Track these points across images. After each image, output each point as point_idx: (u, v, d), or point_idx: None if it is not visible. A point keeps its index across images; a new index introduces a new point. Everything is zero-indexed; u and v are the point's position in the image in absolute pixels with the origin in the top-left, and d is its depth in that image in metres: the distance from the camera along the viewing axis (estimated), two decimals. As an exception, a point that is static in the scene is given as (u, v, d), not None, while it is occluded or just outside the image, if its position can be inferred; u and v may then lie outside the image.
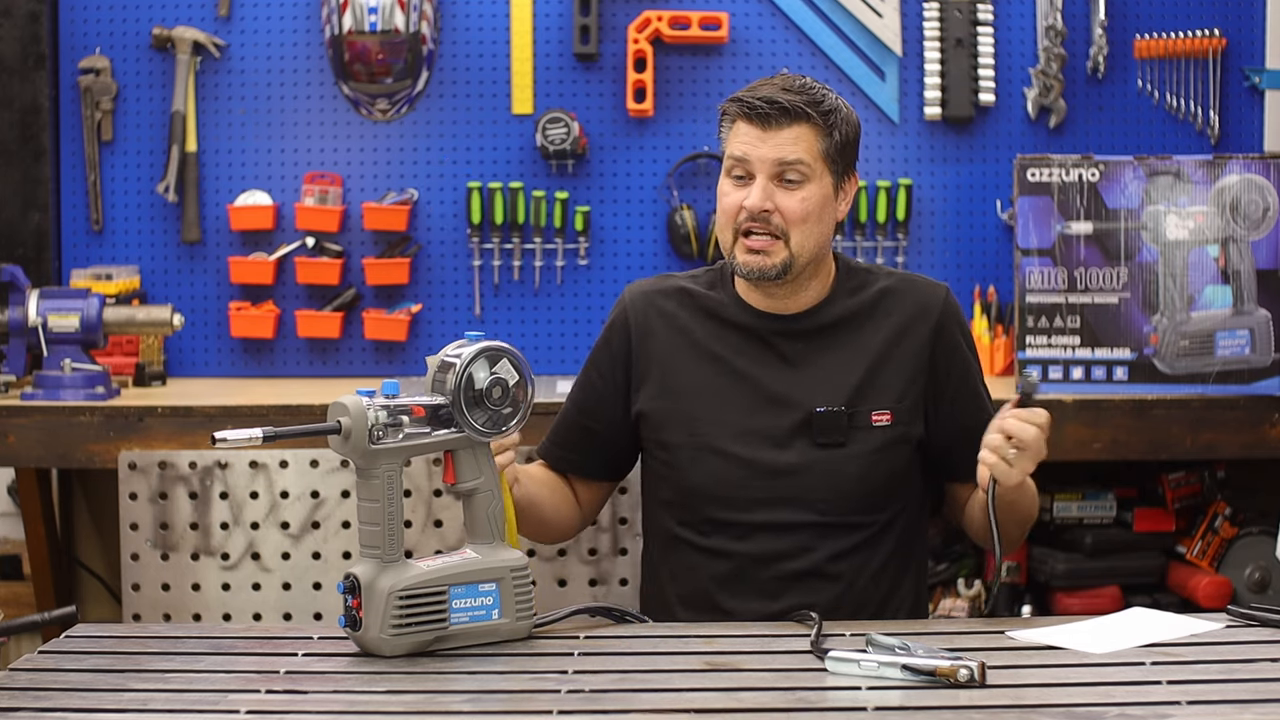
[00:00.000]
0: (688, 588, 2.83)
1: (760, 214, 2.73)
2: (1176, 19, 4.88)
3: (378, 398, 2.31)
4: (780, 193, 2.73)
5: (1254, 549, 4.52)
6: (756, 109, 2.72)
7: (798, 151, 2.72)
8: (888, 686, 2.11)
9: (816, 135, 2.73)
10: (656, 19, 4.82)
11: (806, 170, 2.73)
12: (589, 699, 2.08)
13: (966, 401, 2.82)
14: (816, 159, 2.74)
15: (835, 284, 2.86)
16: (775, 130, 2.72)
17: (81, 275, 4.78)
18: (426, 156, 4.92)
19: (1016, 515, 2.75)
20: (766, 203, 2.72)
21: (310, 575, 4.12)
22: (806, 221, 2.74)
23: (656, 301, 2.91)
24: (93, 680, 2.18)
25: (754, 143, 2.73)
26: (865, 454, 2.75)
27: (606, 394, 2.92)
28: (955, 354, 2.83)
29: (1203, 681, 2.11)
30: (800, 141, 2.72)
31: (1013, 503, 2.69)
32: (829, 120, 2.74)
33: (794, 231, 2.74)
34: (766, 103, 2.71)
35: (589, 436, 2.93)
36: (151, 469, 4.10)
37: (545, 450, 2.97)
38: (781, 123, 2.72)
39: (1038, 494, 2.79)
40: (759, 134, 2.73)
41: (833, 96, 2.77)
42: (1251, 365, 4.26)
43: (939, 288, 2.87)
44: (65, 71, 4.89)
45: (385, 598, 2.28)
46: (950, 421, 2.80)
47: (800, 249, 2.75)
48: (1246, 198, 4.25)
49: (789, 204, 2.73)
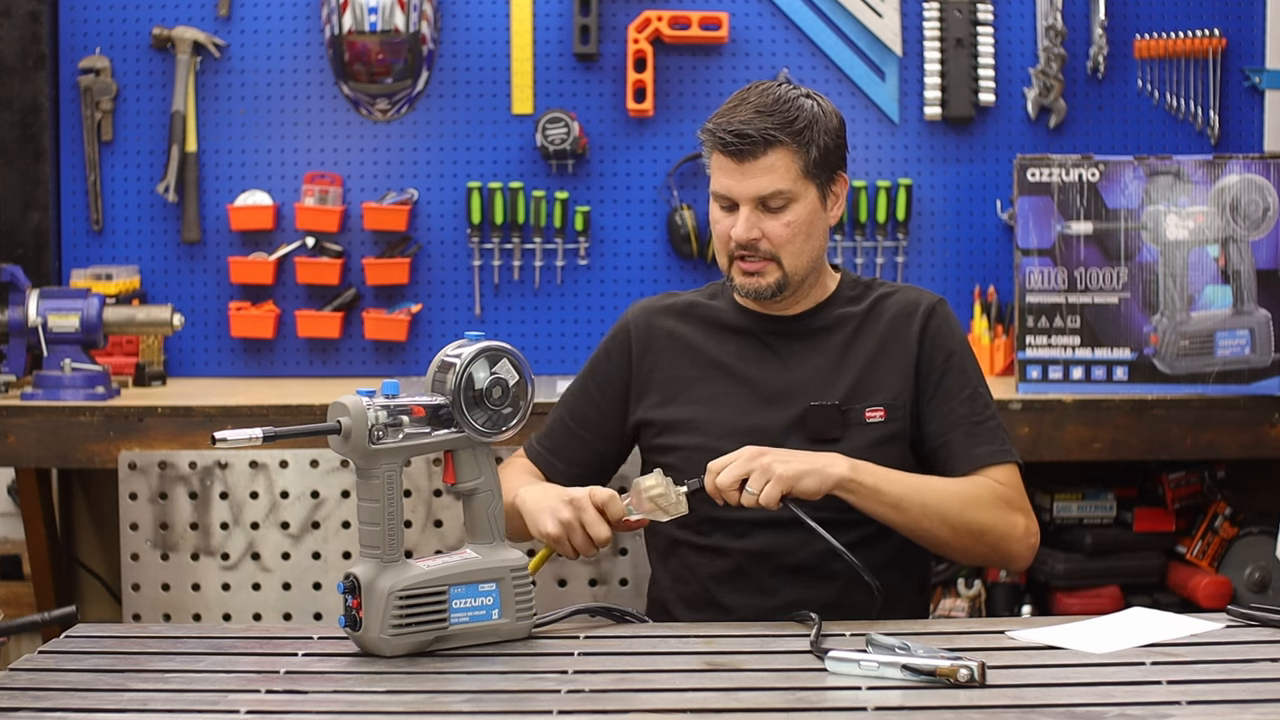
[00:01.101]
0: (688, 589, 2.84)
1: (748, 243, 2.74)
2: (1176, 19, 4.88)
3: (378, 398, 2.31)
4: (766, 219, 2.74)
5: (1254, 549, 4.52)
6: (729, 145, 2.71)
7: (774, 182, 2.72)
8: (888, 686, 2.11)
9: (793, 156, 2.72)
10: (656, 19, 4.82)
11: (788, 194, 2.73)
12: (589, 699, 2.08)
13: (952, 401, 2.79)
14: (796, 180, 2.73)
15: (836, 292, 2.88)
16: (751, 162, 2.71)
17: (81, 275, 4.78)
18: (426, 156, 4.92)
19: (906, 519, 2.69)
20: (753, 232, 2.73)
21: (310, 575, 4.12)
22: (794, 241, 2.75)
23: (658, 314, 2.93)
24: (93, 680, 2.17)
25: (733, 176, 2.73)
26: (860, 450, 2.73)
27: (602, 406, 2.94)
28: (939, 352, 2.81)
29: (1203, 681, 2.10)
30: (776, 169, 2.72)
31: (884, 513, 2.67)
32: (804, 138, 2.73)
33: (784, 253, 2.75)
34: (737, 137, 2.70)
35: (577, 444, 2.95)
36: (151, 469, 4.09)
37: (532, 450, 2.98)
38: (755, 154, 2.71)
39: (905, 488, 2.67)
40: (735, 167, 2.73)
41: (807, 106, 2.75)
42: (1251, 365, 4.26)
43: (932, 295, 2.87)
44: (65, 71, 4.89)
45: (385, 598, 2.28)
46: (936, 420, 2.79)
47: (794, 267, 2.77)
48: (1246, 198, 4.24)
49: (775, 229, 2.74)
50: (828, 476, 2.59)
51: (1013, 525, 2.73)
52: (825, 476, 2.58)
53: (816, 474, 2.58)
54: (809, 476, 2.57)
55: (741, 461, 2.56)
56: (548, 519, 2.60)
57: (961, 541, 2.72)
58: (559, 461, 2.95)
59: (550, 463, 2.95)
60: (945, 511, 2.68)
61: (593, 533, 2.58)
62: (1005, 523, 2.73)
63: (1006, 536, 2.73)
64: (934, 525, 2.68)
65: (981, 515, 2.71)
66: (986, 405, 2.81)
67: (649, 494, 2.58)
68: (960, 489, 2.72)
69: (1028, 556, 2.78)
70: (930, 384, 2.80)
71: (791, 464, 2.57)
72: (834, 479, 2.60)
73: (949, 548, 2.74)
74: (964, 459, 2.77)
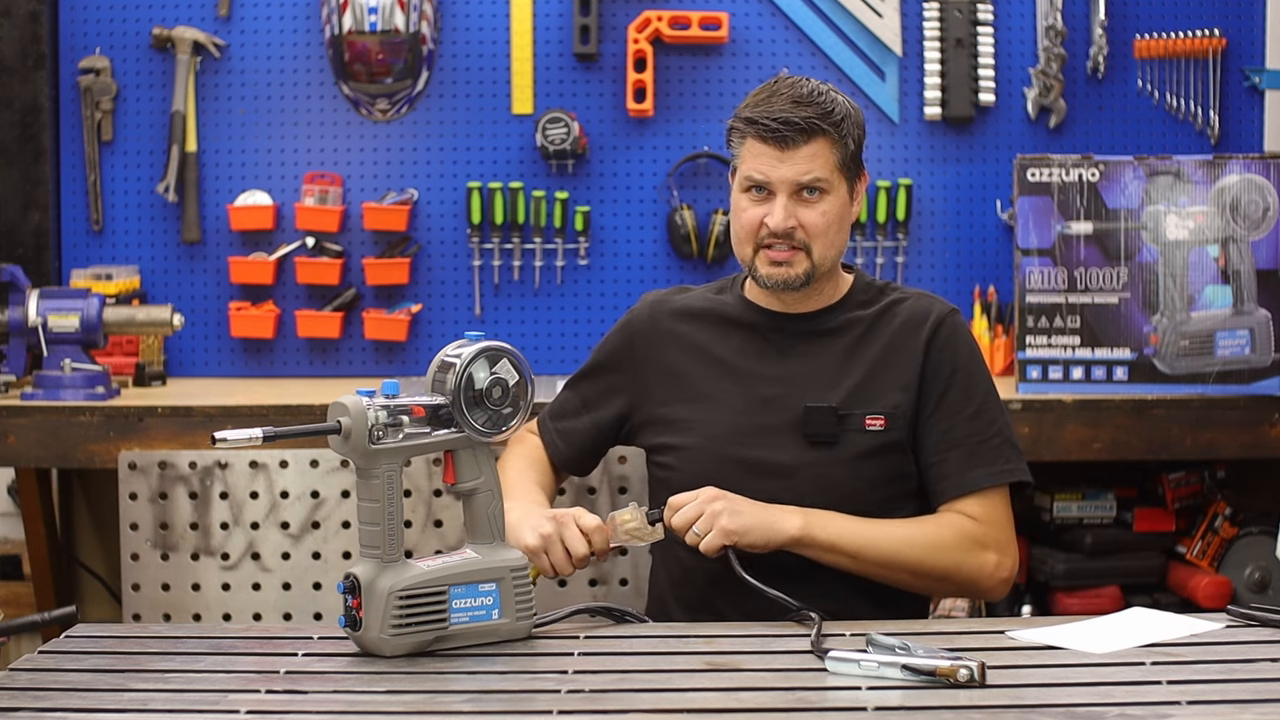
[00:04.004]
0: (686, 591, 2.83)
1: (785, 231, 2.73)
2: (1176, 19, 4.88)
3: (378, 398, 2.30)
4: (801, 208, 2.72)
5: (1254, 549, 4.51)
6: (773, 130, 2.70)
7: (815, 169, 2.71)
8: (888, 686, 2.10)
9: (832, 148, 2.72)
10: (656, 19, 4.82)
11: (825, 185, 2.72)
12: (589, 699, 2.07)
13: (954, 418, 2.76)
14: (833, 171, 2.73)
15: (849, 294, 2.86)
16: (792, 150, 2.70)
17: (81, 275, 4.78)
18: (426, 156, 4.92)
19: (865, 569, 2.69)
20: (790, 221, 2.72)
21: (310, 575, 4.11)
22: (828, 233, 2.74)
23: (665, 309, 2.93)
24: (92, 680, 2.16)
25: (772, 163, 2.71)
26: (856, 456, 2.73)
27: (604, 393, 2.95)
28: (944, 366, 2.77)
29: (1203, 681, 2.10)
30: (817, 158, 2.71)
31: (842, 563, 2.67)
32: (842, 130, 2.73)
33: (816, 244, 2.74)
34: (783, 124, 2.69)
35: (580, 427, 2.97)
36: (151, 469, 4.09)
37: (545, 426, 3.00)
38: (798, 142, 2.70)
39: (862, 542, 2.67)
40: (776, 154, 2.71)
41: (841, 100, 2.75)
42: (1251, 365, 4.25)
43: (945, 304, 2.84)
44: (65, 71, 4.88)
45: (385, 598, 2.27)
46: (934, 437, 2.76)
47: (823, 259, 2.75)
48: (1246, 198, 4.24)
49: (811, 218, 2.73)
50: (776, 533, 2.61)
51: (980, 565, 2.71)
52: (773, 534, 2.61)
53: (763, 530, 2.60)
54: (755, 532, 2.60)
55: (696, 504, 2.60)
56: (528, 532, 2.61)
57: (926, 584, 2.74)
58: (561, 442, 2.97)
59: (554, 442, 2.98)
60: (905, 560, 2.68)
61: (572, 549, 2.59)
62: (972, 564, 2.71)
63: (974, 578, 2.72)
64: (894, 574, 2.69)
65: (944, 559, 2.69)
66: (992, 422, 2.77)
67: (624, 528, 2.63)
68: (924, 534, 2.70)
69: (1000, 590, 2.76)
70: (932, 399, 2.77)
71: (741, 517, 2.59)
72: (783, 537, 2.62)
73: (916, 589, 2.75)
74: (955, 481, 2.74)
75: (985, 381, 2.81)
